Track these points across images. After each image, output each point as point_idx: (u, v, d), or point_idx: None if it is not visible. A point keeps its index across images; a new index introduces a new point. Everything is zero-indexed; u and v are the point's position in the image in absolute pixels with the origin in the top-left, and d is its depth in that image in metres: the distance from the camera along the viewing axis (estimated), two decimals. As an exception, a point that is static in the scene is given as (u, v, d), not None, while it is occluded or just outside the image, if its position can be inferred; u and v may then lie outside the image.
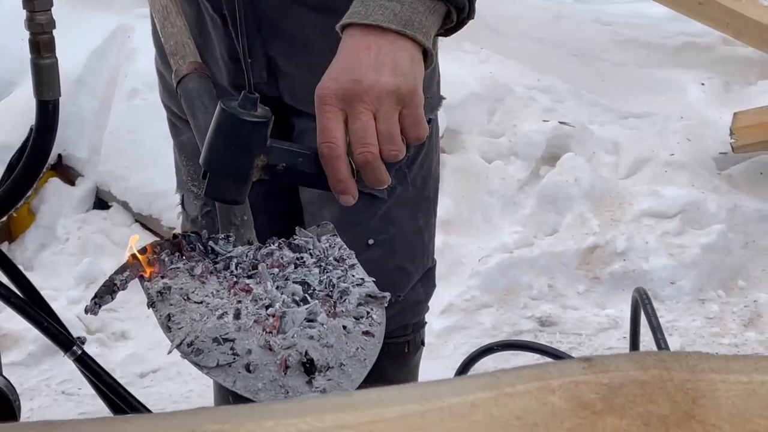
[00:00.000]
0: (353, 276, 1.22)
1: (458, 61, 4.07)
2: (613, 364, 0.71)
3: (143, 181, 3.58)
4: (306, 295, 1.16)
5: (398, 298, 1.99)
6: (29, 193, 1.20)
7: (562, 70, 4.48)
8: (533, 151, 3.82)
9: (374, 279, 1.24)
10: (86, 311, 1.21)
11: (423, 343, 2.22)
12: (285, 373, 1.07)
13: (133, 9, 4.15)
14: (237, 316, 1.11)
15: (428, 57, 1.30)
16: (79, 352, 1.60)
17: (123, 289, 1.22)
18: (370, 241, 1.94)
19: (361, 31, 1.27)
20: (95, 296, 1.21)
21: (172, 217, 3.51)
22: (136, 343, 3.13)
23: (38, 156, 1.16)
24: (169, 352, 1.11)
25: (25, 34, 3.86)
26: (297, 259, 1.22)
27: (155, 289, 1.16)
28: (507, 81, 4.13)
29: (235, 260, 1.21)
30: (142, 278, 1.20)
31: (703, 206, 3.58)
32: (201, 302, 1.15)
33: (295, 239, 1.26)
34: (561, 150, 3.82)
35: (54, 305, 1.56)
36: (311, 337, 1.10)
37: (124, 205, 3.63)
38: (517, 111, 4.00)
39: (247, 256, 1.22)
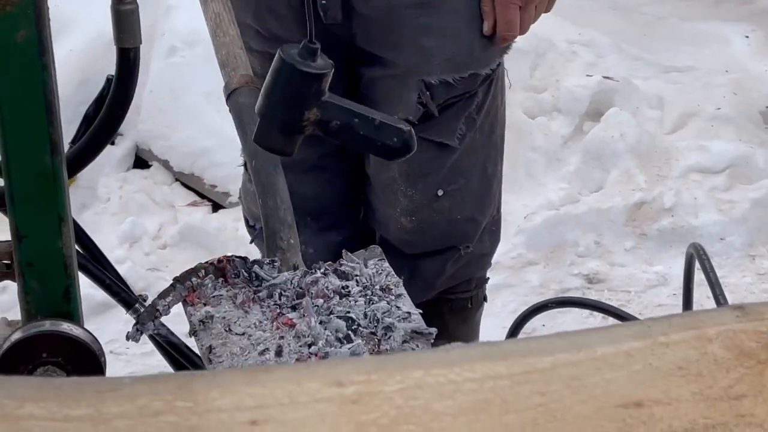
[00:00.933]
0: (399, 309, 1.18)
1: (498, 15, 4.00)
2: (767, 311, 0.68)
3: (184, 139, 3.55)
4: (350, 332, 1.12)
5: (467, 249, 1.97)
6: (110, 140, 1.17)
7: (601, 24, 4.41)
8: (577, 106, 3.76)
9: (436, 329, 1.20)
10: (128, 338, 1.20)
11: (485, 299, 2.19)
12: None
13: (169, -34, 4.10)
14: (279, 353, 1.09)
15: None
16: (141, 309, 1.58)
17: (165, 314, 1.20)
18: (440, 192, 1.92)
19: None
20: (137, 322, 1.19)
21: (213, 175, 3.48)
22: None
23: (119, 105, 1.14)
24: None
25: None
26: (342, 288, 1.19)
27: (197, 317, 1.14)
28: (548, 35, 4.06)
29: (279, 288, 1.18)
30: (185, 303, 1.18)
31: (752, 161, 3.52)
32: (243, 334, 1.13)
33: (341, 265, 1.23)
34: (605, 105, 3.76)
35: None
36: None
37: (165, 164, 3.60)
38: (560, 66, 3.94)
39: (291, 283, 1.19)
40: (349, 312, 1.15)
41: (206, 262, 1.20)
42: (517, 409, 0.57)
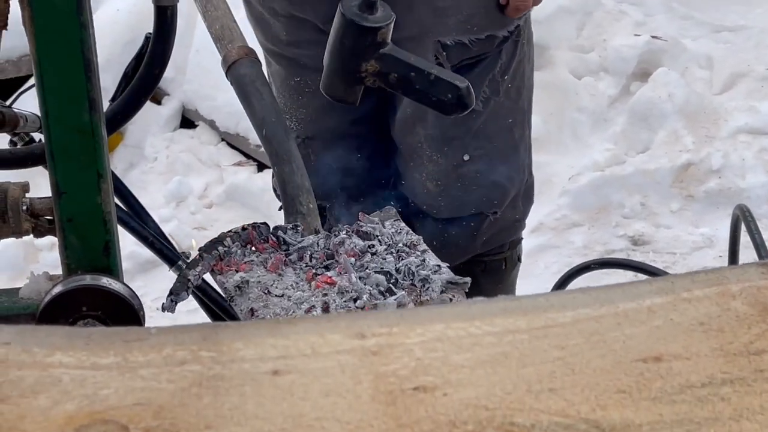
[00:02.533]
0: (429, 262, 1.20)
1: (545, -26, 3.96)
2: (794, 268, 0.67)
3: (229, 99, 3.56)
4: (390, 285, 1.14)
5: (495, 215, 1.96)
6: (149, 98, 1.18)
7: (651, -18, 4.34)
8: (624, 66, 3.72)
9: (470, 279, 1.22)
10: (163, 309, 1.21)
11: (519, 260, 2.19)
12: None
13: (215, -75, 4.10)
14: (326, 309, 1.09)
15: None
16: (185, 266, 1.60)
17: (197, 284, 1.21)
18: (466, 157, 1.91)
19: None
20: (171, 293, 1.20)
21: (256, 137, 3.50)
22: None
23: (157, 62, 1.14)
24: None
25: (111, -49, 3.78)
26: (368, 246, 1.20)
27: (232, 283, 1.14)
28: (595, -7, 4.02)
29: (308, 251, 1.19)
30: (213, 272, 1.19)
31: (803, 122, 3.46)
32: (282, 295, 1.13)
33: (361, 226, 1.23)
34: (652, 65, 3.72)
35: (143, 223, 1.57)
36: None
37: (211, 124, 3.63)
38: (607, 25, 3.89)
39: (318, 245, 1.20)
40: (383, 267, 1.16)
41: (230, 231, 1.21)
42: (534, 363, 0.58)
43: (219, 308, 1.56)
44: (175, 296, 1.20)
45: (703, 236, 3.21)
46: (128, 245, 1.55)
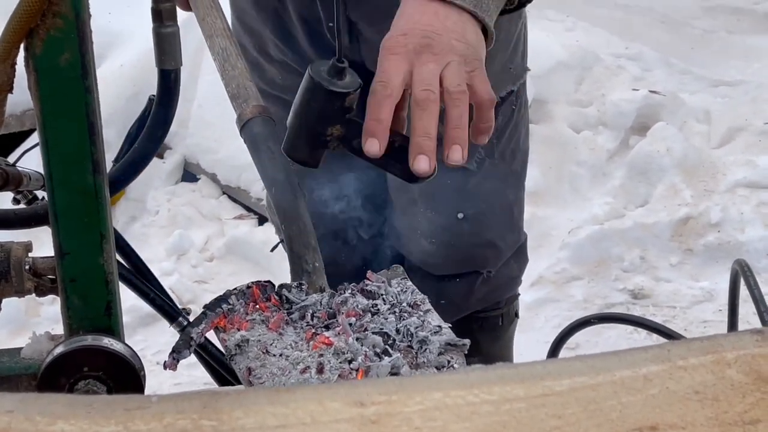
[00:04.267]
0: (430, 323, 1.19)
1: (544, 29, 4.00)
2: (788, 336, 0.68)
3: (231, 153, 3.60)
4: (386, 346, 1.14)
5: (489, 275, 1.97)
6: (151, 160, 1.20)
7: (649, 38, 4.39)
8: (623, 120, 3.75)
9: (469, 341, 1.21)
10: (165, 367, 1.20)
11: (517, 315, 2.20)
12: None
13: (218, -19, 4.16)
14: (320, 370, 1.10)
15: (488, 38, 1.28)
16: (185, 323, 1.61)
17: (200, 342, 1.21)
18: (460, 215, 1.92)
19: (420, 1, 1.27)
20: (173, 351, 1.20)
21: (259, 189, 3.52)
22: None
23: (160, 124, 1.16)
24: None
25: (112, 8, 3.86)
26: (371, 306, 1.20)
27: (233, 342, 1.15)
28: (594, 49, 4.06)
29: (310, 310, 1.20)
30: (217, 329, 1.20)
31: (801, 176, 3.49)
32: (281, 354, 1.14)
33: (367, 285, 1.24)
34: (651, 119, 3.75)
35: (144, 278, 1.57)
36: None
37: (213, 178, 3.65)
38: (606, 80, 3.93)
39: (321, 304, 1.21)
40: (383, 328, 1.16)
41: (235, 289, 1.22)
42: (532, 432, 0.58)
43: (219, 365, 1.56)
44: (177, 354, 1.20)
45: (703, 290, 3.21)
46: (129, 299, 1.56)
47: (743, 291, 2.46)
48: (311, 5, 1.71)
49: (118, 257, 1.58)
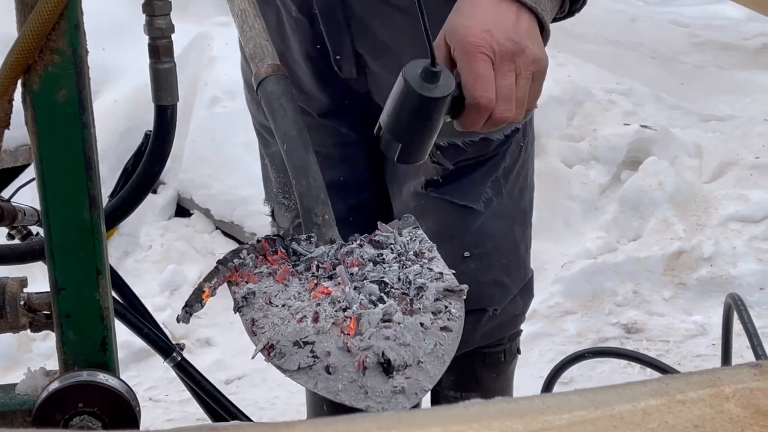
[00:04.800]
0: (431, 270, 1.22)
1: (536, 65, 4.03)
2: (786, 370, 0.68)
3: (225, 188, 3.60)
4: (382, 294, 1.16)
5: (495, 312, 1.97)
6: (147, 195, 1.20)
7: (640, 73, 4.43)
8: (614, 155, 3.76)
9: (467, 286, 1.24)
10: (178, 320, 1.24)
11: (519, 352, 2.19)
12: (363, 374, 1.07)
13: (212, 17, 4.18)
14: (316, 319, 1.13)
15: (545, 38, 1.31)
16: (179, 358, 1.60)
17: (212, 296, 1.24)
18: (466, 254, 1.92)
19: None
20: (186, 305, 1.23)
21: (253, 224, 3.52)
22: (220, 350, 3.14)
23: (156, 160, 1.16)
24: (253, 356, 1.13)
25: (106, 44, 3.87)
26: (377, 255, 1.23)
27: (241, 294, 1.18)
28: (586, 84, 4.08)
29: (315, 261, 1.23)
30: (230, 283, 1.22)
31: (792, 210, 3.50)
32: (283, 305, 1.16)
33: (376, 235, 1.27)
34: (643, 154, 3.76)
35: (137, 312, 1.58)
36: (387, 338, 1.11)
37: (206, 213, 3.65)
38: (597, 115, 3.95)
39: (327, 255, 1.24)
40: (383, 277, 1.18)
41: (247, 244, 1.24)
42: (531, 467, 0.58)
43: (213, 400, 1.56)
44: (189, 308, 1.23)
45: (696, 324, 3.21)
46: (122, 334, 1.56)
47: (736, 325, 2.47)
48: (317, 41, 1.72)
49: (113, 293, 1.58)
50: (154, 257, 3.47)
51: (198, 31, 4.05)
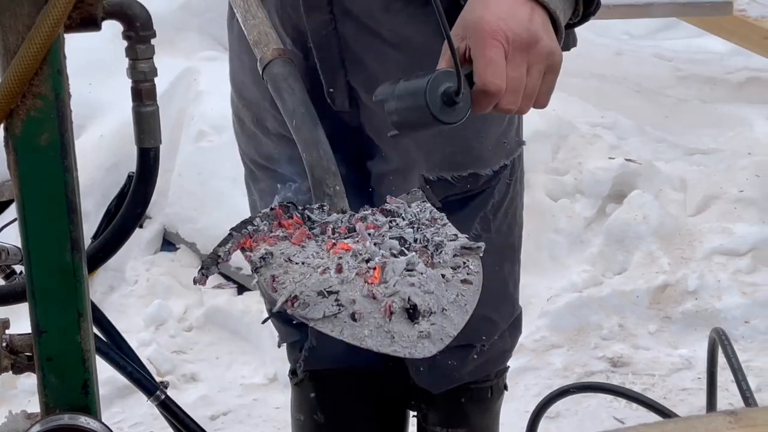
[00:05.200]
0: (446, 233, 1.25)
1: (521, 99, 4.05)
2: (760, 417, 0.69)
3: (211, 222, 3.60)
4: (403, 248, 1.19)
5: (483, 348, 1.97)
6: (129, 237, 1.20)
7: (625, 107, 4.46)
8: (599, 188, 3.78)
9: (484, 243, 1.27)
10: (195, 282, 1.24)
11: (506, 388, 2.19)
12: (390, 320, 1.09)
13: (198, 52, 4.20)
14: (339, 270, 1.14)
15: (559, 38, 1.32)
16: (163, 396, 1.60)
17: (226, 261, 1.24)
18: None
19: None
20: (202, 267, 1.23)
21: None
22: (205, 386, 3.13)
23: (139, 202, 1.17)
24: (276, 309, 1.13)
25: (92, 79, 3.88)
26: (390, 221, 1.26)
27: (258, 255, 1.19)
28: (570, 118, 4.11)
29: (331, 225, 1.25)
30: (243, 249, 1.23)
31: (776, 243, 3.52)
32: (303, 263, 1.17)
33: (386, 205, 1.29)
34: (627, 187, 3.79)
35: (123, 348, 1.58)
36: (412, 285, 1.13)
37: (192, 247, 3.65)
38: (582, 148, 3.97)
39: (341, 221, 1.26)
40: (402, 235, 1.21)
41: (260, 212, 1.26)
42: None
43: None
44: (206, 270, 1.22)
45: (682, 357, 3.22)
46: (107, 370, 1.56)
47: (722, 359, 2.48)
48: (311, 73, 1.73)
49: (95, 330, 1.58)
50: (139, 292, 3.46)
51: (185, 65, 4.07)
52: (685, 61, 5.13)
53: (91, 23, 1.06)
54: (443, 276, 1.17)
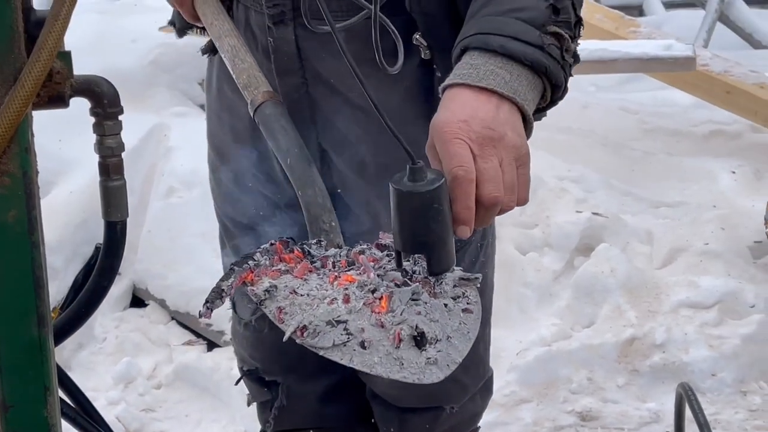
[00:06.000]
0: None
1: (489, 153, 4.09)
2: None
3: (181, 278, 3.60)
4: (406, 279, 1.22)
5: (453, 410, 1.98)
6: (96, 309, 1.21)
7: (591, 160, 4.51)
8: (567, 242, 3.82)
9: (481, 274, 1.33)
10: (200, 315, 1.26)
11: (477, 447, 2.20)
12: (398, 347, 1.13)
13: (169, 108, 4.23)
14: (346, 300, 1.18)
15: (528, 128, 1.34)
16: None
17: (230, 295, 1.26)
18: None
19: (472, 92, 1.31)
20: (206, 301, 1.25)
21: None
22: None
23: (106, 274, 1.19)
24: (285, 339, 1.16)
25: (63, 135, 3.87)
26: (387, 254, 1.29)
27: (262, 288, 1.21)
28: (538, 172, 4.15)
29: (331, 259, 1.29)
30: (245, 284, 1.25)
31: (741, 296, 3.55)
32: (308, 294, 1.21)
33: (381, 240, 1.32)
34: (595, 241, 3.82)
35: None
36: (419, 313, 1.17)
37: (162, 303, 3.64)
38: (550, 202, 4.01)
39: (341, 255, 1.30)
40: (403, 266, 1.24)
41: (259, 247, 1.29)
42: None
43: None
44: (210, 304, 1.25)
45: (650, 411, 3.24)
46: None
47: (689, 412, 2.50)
48: None
49: (62, 395, 1.58)
50: (108, 349, 3.45)
51: (155, 121, 4.09)
52: (651, 113, 5.21)
53: (59, 101, 1.08)
54: (446, 305, 1.21)
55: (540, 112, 1.41)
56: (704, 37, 6.79)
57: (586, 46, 4.45)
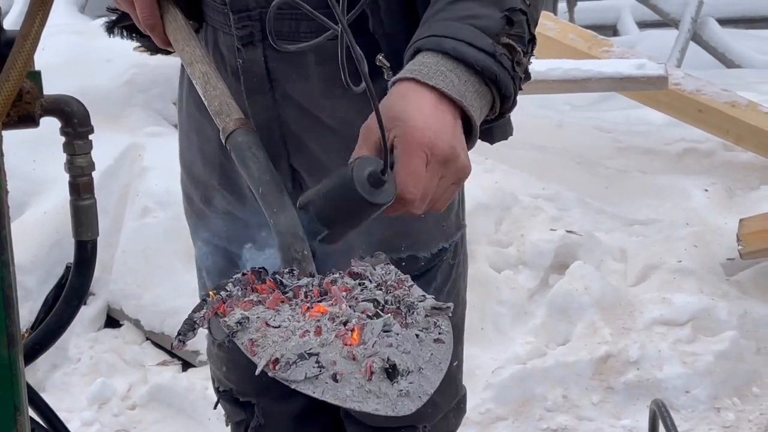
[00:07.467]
0: (415, 293, 1.30)
1: (464, 172, 4.10)
2: None
3: (155, 299, 3.59)
4: (377, 310, 1.23)
5: (425, 429, 1.98)
6: (67, 328, 1.21)
7: (566, 178, 4.53)
8: (542, 260, 3.83)
9: (452, 303, 1.32)
10: (172, 348, 1.28)
11: (452, 466, 2.20)
12: (370, 379, 1.13)
13: (143, 128, 4.22)
14: (318, 332, 1.18)
15: (473, 137, 1.37)
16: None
17: (202, 326, 1.27)
18: None
19: (421, 88, 1.33)
20: (179, 334, 1.25)
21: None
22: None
23: (77, 293, 1.18)
24: (257, 372, 1.15)
25: (37, 155, 3.85)
26: (359, 284, 1.29)
27: (234, 320, 1.21)
28: (513, 190, 4.17)
29: (303, 289, 1.28)
30: (217, 315, 1.25)
31: (714, 313, 3.58)
32: (279, 326, 1.20)
33: (353, 268, 1.33)
34: (569, 258, 3.84)
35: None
36: (390, 345, 1.17)
37: (136, 324, 3.63)
38: (524, 220, 4.03)
39: (313, 284, 1.29)
40: (375, 296, 1.25)
41: (231, 278, 1.29)
42: None
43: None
44: (183, 336, 1.25)
45: (625, 428, 3.25)
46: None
47: (664, 429, 2.52)
48: None
49: (34, 415, 1.58)
50: (82, 370, 3.43)
51: (129, 141, 4.08)
52: (625, 132, 5.24)
53: (29, 120, 1.09)
54: (417, 336, 1.22)
55: (488, 123, 1.43)
56: (677, 56, 6.87)
57: (559, 65, 4.50)
